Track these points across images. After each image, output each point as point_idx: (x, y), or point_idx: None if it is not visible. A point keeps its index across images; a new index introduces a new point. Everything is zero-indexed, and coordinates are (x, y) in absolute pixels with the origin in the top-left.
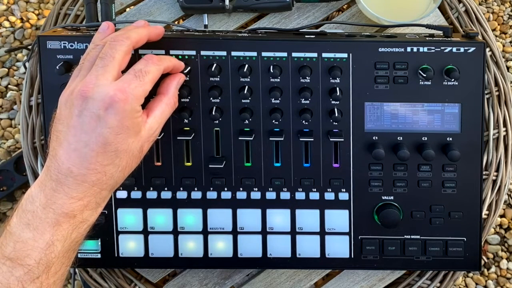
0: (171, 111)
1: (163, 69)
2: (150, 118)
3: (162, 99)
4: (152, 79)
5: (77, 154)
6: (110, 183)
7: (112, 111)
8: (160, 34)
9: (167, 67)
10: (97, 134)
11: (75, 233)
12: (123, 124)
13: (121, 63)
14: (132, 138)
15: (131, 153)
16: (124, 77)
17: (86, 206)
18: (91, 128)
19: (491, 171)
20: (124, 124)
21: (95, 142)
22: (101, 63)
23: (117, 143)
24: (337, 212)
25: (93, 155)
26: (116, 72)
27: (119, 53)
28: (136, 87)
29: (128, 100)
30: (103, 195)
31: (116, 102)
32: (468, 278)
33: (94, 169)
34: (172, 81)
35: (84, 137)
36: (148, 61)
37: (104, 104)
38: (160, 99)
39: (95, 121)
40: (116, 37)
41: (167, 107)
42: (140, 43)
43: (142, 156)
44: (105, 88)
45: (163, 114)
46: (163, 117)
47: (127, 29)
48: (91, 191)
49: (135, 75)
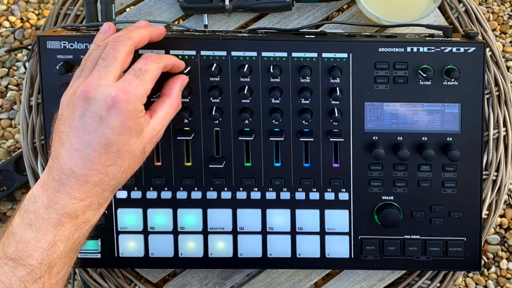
0: (174, 113)
1: (162, 67)
2: (153, 119)
3: (166, 101)
4: (153, 78)
5: (80, 155)
6: (112, 183)
7: (115, 111)
8: (161, 34)
9: (167, 65)
10: (99, 135)
11: (77, 233)
12: (126, 124)
13: (123, 64)
14: (134, 139)
15: (133, 154)
16: (125, 77)
17: (88, 206)
18: (93, 128)
19: (491, 171)
20: (126, 125)
21: (98, 142)
22: (103, 64)
23: (120, 143)
24: (337, 212)
25: (95, 156)
26: (118, 73)
27: (121, 54)
28: (137, 87)
29: (130, 100)
30: (105, 195)
31: (119, 103)
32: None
33: (96, 169)
34: (176, 83)
35: (86, 137)
36: (147, 60)
37: (107, 105)
38: (164, 101)
39: (98, 122)
40: (118, 37)
41: (171, 109)
42: (142, 44)
43: (144, 157)
44: (107, 89)
45: (166, 115)
46: (167, 118)
47: (129, 30)
48: (93, 191)
49: (135, 74)
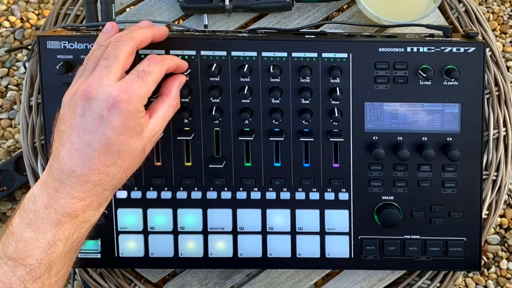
0: (173, 112)
1: (166, 69)
2: (152, 119)
3: (165, 100)
4: (155, 79)
5: (80, 154)
6: (112, 183)
7: (115, 111)
8: (164, 34)
9: (170, 67)
10: (100, 134)
11: (76, 233)
12: (126, 124)
13: (125, 64)
14: (134, 139)
15: (133, 154)
16: (127, 78)
17: (88, 206)
18: (94, 128)
19: (491, 171)
20: (127, 125)
21: (98, 142)
22: (104, 64)
23: (120, 143)
24: (337, 212)
25: (95, 155)
26: (119, 73)
27: (122, 54)
28: (139, 88)
29: (132, 100)
30: (105, 195)
31: (119, 103)
32: (468, 278)
33: (96, 169)
34: (174, 82)
35: (87, 137)
36: (151, 61)
37: (108, 105)
38: (163, 100)
39: (98, 122)
40: (120, 37)
41: (170, 108)
42: (144, 44)
43: (144, 157)
44: (108, 89)
45: (165, 115)
46: (166, 118)
47: (131, 30)
48: (93, 191)
49: (138, 75)
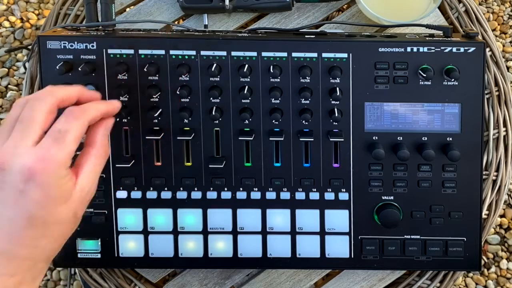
0: (103, 162)
1: (87, 122)
2: (80, 177)
3: (90, 152)
4: (76, 138)
5: (3, 231)
6: (44, 255)
7: (33, 184)
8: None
9: (94, 118)
10: (20, 209)
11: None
12: (48, 195)
13: (43, 125)
14: (61, 206)
15: (63, 221)
16: (43, 142)
17: (21, 282)
18: (13, 202)
19: (491, 171)
20: (49, 195)
21: (20, 217)
22: (19, 127)
23: (45, 215)
24: (337, 212)
25: (19, 230)
26: (37, 136)
27: (39, 114)
28: (57, 152)
29: (49, 169)
30: (38, 267)
31: (36, 174)
32: (468, 278)
33: (22, 244)
34: (98, 129)
35: (7, 212)
36: (68, 117)
37: (24, 177)
38: (88, 152)
39: (17, 195)
40: (37, 94)
41: (98, 159)
42: (69, 100)
43: (78, 220)
44: (23, 158)
45: (94, 168)
46: (96, 171)
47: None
48: (23, 266)
49: (54, 138)
